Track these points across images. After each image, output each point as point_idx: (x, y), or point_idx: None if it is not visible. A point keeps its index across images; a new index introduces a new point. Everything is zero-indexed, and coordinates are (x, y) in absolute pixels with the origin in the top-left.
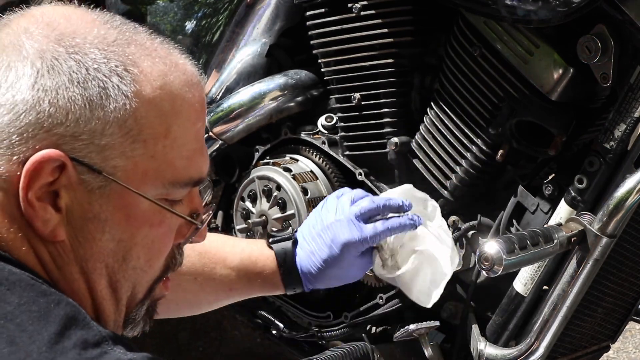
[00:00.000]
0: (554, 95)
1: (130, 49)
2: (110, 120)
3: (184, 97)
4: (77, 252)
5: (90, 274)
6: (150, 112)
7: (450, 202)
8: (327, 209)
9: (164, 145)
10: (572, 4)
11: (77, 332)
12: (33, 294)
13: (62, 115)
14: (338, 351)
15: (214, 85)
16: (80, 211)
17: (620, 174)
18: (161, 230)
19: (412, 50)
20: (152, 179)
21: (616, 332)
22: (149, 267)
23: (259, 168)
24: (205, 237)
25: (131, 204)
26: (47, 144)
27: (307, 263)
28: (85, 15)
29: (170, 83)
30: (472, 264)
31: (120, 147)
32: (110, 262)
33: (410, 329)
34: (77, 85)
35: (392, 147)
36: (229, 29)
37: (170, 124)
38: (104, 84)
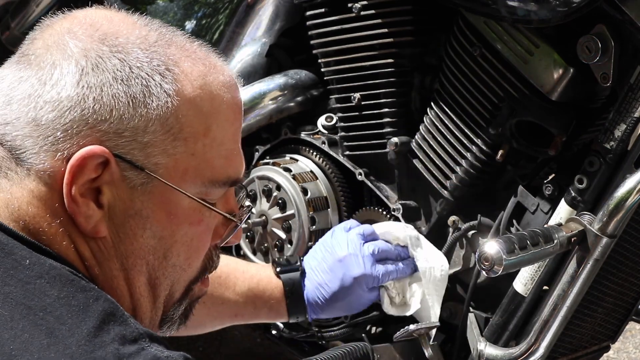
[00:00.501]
0: (554, 95)
1: (171, 50)
2: (152, 118)
3: (222, 98)
4: (117, 249)
5: (130, 271)
6: (190, 111)
7: (450, 202)
8: (338, 242)
9: (203, 144)
10: (572, 4)
11: (115, 327)
12: (72, 288)
13: (106, 112)
14: (338, 351)
15: None
16: (122, 208)
17: (621, 174)
18: (200, 228)
19: (412, 50)
20: (192, 177)
21: (616, 332)
22: (187, 266)
23: (259, 168)
24: (240, 239)
25: (172, 201)
26: (91, 140)
27: (315, 294)
28: (127, 18)
29: (209, 83)
30: (472, 264)
31: (162, 145)
32: (150, 259)
33: (410, 329)
34: (120, 82)
35: (392, 147)
36: (229, 29)
37: (209, 124)
38: (147, 82)
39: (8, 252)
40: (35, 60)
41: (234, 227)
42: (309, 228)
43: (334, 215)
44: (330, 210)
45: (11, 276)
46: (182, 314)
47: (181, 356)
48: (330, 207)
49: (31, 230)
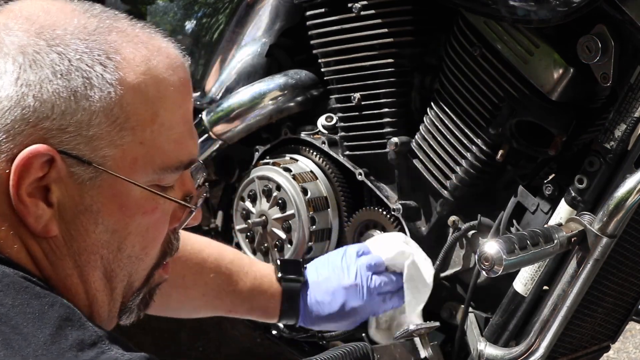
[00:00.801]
0: (554, 95)
1: (111, 37)
2: (96, 110)
3: (168, 81)
4: (70, 246)
5: (84, 267)
6: (135, 98)
7: (450, 202)
8: (348, 268)
9: (152, 130)
10: (572, 4)
11: (72, 332)
12: (27, 296)
13: (47, 109)
14: (338, 351)
15: (214, 85)
16: (72, 204)
17: (621, 174)
18: (155, 216)
19: (412, 50)
20: (142, 165)
21: (616, 332)
22: (145, 255)
23: (258, 168)
24: (200, 219)
25: (123, 193)
26: (35, 139)
27: (311, 309)
28: (65, 6)
29: (154, 68)
30: (472, 264)
31: (108, 137)
32: (104, 253)
33: (410, 329)
34: (60, 77)
35: (392, 147)
36: (229, 29)
37: (156, 109)
38: (88, 74)
39: None
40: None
41: (190, 211)
42: (309, 228)
43: (334, 215)
44: (330, 210)
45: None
46: (140, 302)
47: (142, 357)
48: (330, 207)
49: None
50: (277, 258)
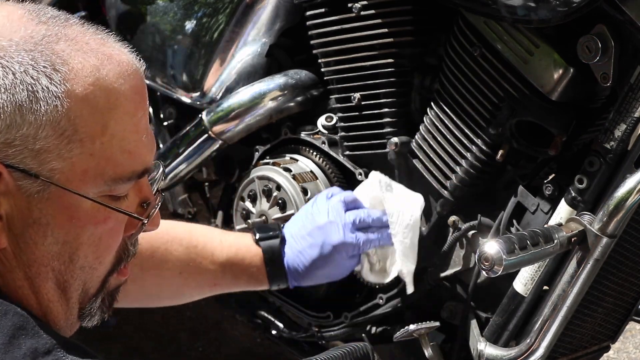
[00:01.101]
0: (554, 95)
1: (59, 46)
2: (42, 124)
3: (119, 90)
4: (19, 259)
5: (35, 279)
6: (84, 110)
7: (450, 202)
8: (319, 209)
9: (101, 142)
10: (572, 4)
11: (26, 341)
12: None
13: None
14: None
15: (214, 85)
16: (21, 217)
17: (621, 174)
18: (107, 226)
19: (412, 50)
20: (92, 177)
21: (616, 332)
22: (98, 264)
23: (258, 168)
24: (159, 224)
25: (73, 205)
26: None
27: (295, 261)
28: (13, 12)
29: (103, 77)
30: (472, 264)
31: (55, 149)
32: (55, 265)
33: (410, 329)
34: (4, 92)
35: (392, 147)
36: (229, 29)
37: (106, 120)
38: (33, 87)
39: None
40: None
41: (146, 217)
42: None
43: None
44: None
45: None
46: (101, 305)
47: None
48: None
49: None
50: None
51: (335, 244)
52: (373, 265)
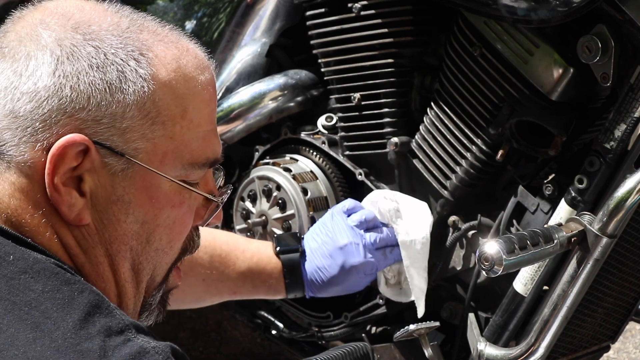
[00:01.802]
0: (554, 95)
1: (143, 35)
2: (129, 103)
3: (197, 79)
4: (102, 235)
5: (115, 257)
6: (167, 94)
7: (450, 202)
8: (339, 228)
9: (181, 126)
10: (572, 4)
11: (100, 319)
12: (57, 282)
13: (83, 100)
14: (338, 351)
15: None
16: (104, 194)
17: (621, 174)
18: (182, 210)
19: (412, 50)
20: (171, 159)
21: (616, 332)
22: (169, 249)
23: (258, 168)
24: (221, 219)
25: (153, 185)
26: (70, 129)
27: (313, 276)
28: (97, 6)
29: (183, 66)
30: (472, 264)
31: (140, 130)
32: (134, 244)
33: (410, 329)
34: (96, 70)
35: (392, 147)
36: (229, 28)
37: (186, 106)
38: (122, 68)
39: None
40: (9, 53)
41: (215, 208)
42: (309, 228)
43: None
44: None
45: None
46: (159, 304)
47: (168, 346)
48: (331, 207)
49: (14, 223)
50: (274, 234)
51: (355, 264)
52: (388, 280)
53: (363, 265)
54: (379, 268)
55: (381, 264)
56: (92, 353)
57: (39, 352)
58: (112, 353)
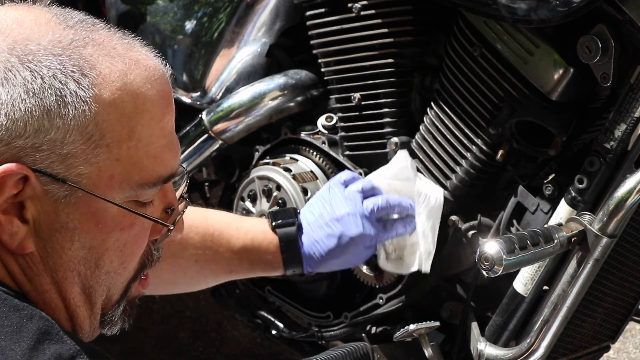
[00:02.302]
0: (554, 95)
1: (87, 51)
2: (70, 128)
3: (146, 95)
4: (46, 263)
5: (62, 283)
6: (111, 115)
7: (450, 202)
8: (336, 199)
9: (128, 147)
10: (572, 4)
11: (50, 346)
12: (5, 308)
13: (20, 127)
14: (338, 351)
15: (214, 85)
16: (48, 221)
17: (621, 174)
18: (133, 232)
19: (412, 50)
20: (119, 182)
21: (616, 332)
22: (123, 270)
23: (258, 168)
24: (183, 230)
25: (99, 210)
26: (7, 157)
27: (311, 249)
28: (40, 16)
29: (130, 82)
30: (472, 264)
31: (83, 154)
32: (82, 269)
33: (410, 329)
34: (32, 96)
35: (392, 147)
36: (229, 28)
37: (133, 125)
38: (61, 92)
39: None
40: None
41: (168, 229)
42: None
43: None
44: None
45: None
46: (122, 313)
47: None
48: None
49: None
50: (268, 210)
51: (353, 236)
52: (389, 254)
53: (361, 237)
54: (379, 240)
55: (381, 236)
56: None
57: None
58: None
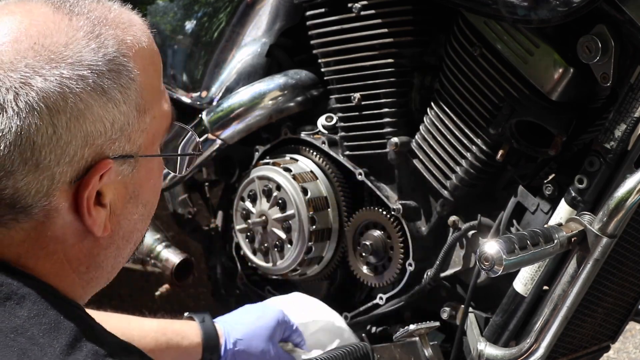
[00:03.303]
0: (554, 95)
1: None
2: (130, 110)
3: (152, 50)
4: (117, 234)
5: (124, 248)
6: (144, 80)
7: (450, 202)
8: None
9: (157, 103)
10: (572, 4)
11: (87, 344)
12: (42, 306)
13: (98, 129)
14: (338, 351)
15: (214, 85)
16: (120, 198)
17: (621, 174)
18: (162, 172)
19: (412, 50)
20: (158, 136)
21: (616, 332)
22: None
23: (258, 168)
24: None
25: (153, 168)
26: (93, 157)
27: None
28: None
29: (142, 44)
30: (472, 264)
31: (138, 127)
32: (141, 227)
33: (410, 329)
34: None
35: (392, 147)
36: (229, 28)
37: (156, 82)
38: (118, 80)
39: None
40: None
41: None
42: (309, 228)
43: (334, 215)
44: (330, 210)
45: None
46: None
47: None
48: (330, 207)
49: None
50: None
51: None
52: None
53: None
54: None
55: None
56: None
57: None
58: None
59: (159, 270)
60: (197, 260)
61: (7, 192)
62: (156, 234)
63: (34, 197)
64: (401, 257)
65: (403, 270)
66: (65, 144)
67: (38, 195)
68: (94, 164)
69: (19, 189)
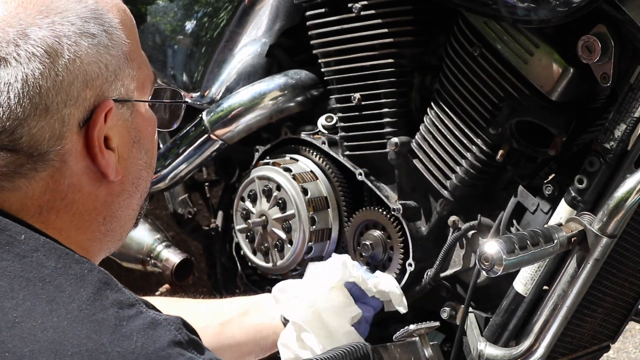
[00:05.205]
0: (554, 95)
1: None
2: (119, 55)
3: (125, 8)
4: (126, 179)
5: (133, 196)
6: (127, 32)
7: (450, 202)
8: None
9: (139, 53)
10: (572, 4)
11: (111, 294)
12: (68, 260)
13: (94, 71)
14: (338, 351)
15: (214, 85)
16: (125, 143)
17: (621, 174)
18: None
19: (412, 50)
20: (148, 84)
21: (616, 332)
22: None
23: (259, 168)
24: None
25: (146, 115)
26: (95, 98)
27: None
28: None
29: (116, 2)
30: (472, 264)
31: (128, 74)
32: (145, 175)
33: (410, 329)
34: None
35: (392, 147)
36: (229, 28)
37: (134, 33)
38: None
39: (2, 228)
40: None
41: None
42: (309, 228)
43: (334, 215)
44: (330, 210)
45: (7, 251)
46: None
47: (178, 318)
48: (330, 207)
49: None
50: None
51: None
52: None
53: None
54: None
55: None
56: (108, 322)
57: (55, 323)
58: (127, 323)
59: (159, 270)
60: (197, 260)
61: (24, 141)
62: (156, 234)
63: (48, 141)
64: (401, 257)
65: (403, 270)
66: (68, 85)
67: (52, 140)
68: (97, 105)
69: (34, 135)
